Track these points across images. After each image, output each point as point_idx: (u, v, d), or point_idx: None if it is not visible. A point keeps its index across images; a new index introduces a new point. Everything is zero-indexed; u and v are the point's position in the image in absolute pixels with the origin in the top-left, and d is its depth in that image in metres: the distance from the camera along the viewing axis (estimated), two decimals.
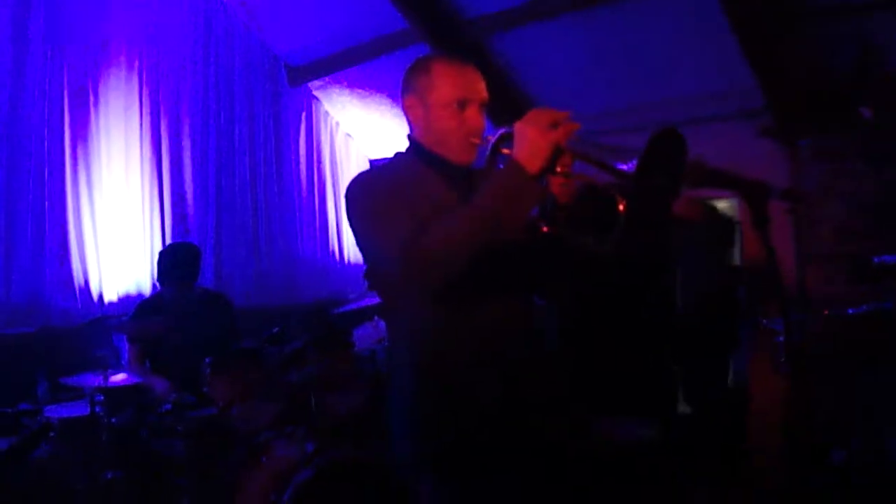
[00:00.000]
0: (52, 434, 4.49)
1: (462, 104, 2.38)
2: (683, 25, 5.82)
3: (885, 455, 4.63)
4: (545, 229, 2.36)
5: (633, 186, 2.05)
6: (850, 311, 4.99)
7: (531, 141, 2.10)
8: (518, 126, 2.14)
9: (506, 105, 6.95)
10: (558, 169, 2.18)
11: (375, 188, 2.36)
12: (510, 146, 2.17)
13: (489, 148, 2.33)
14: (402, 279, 2.24)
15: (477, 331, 2.34)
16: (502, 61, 6.98)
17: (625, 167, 2.05)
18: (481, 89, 2.44)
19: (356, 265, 8.39)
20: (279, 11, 7.25)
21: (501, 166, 2.18)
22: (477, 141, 2.41)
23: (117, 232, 6.27)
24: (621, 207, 2.19)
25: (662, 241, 4.75)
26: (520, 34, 6.54)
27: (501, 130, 2.28)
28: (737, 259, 6.44)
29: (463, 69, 2.44)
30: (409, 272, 2.17)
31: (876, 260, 5.19)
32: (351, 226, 2.42)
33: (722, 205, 6.73)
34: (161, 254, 5.44)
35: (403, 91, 2.51)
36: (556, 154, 2.13)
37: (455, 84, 2.40)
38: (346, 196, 2.39)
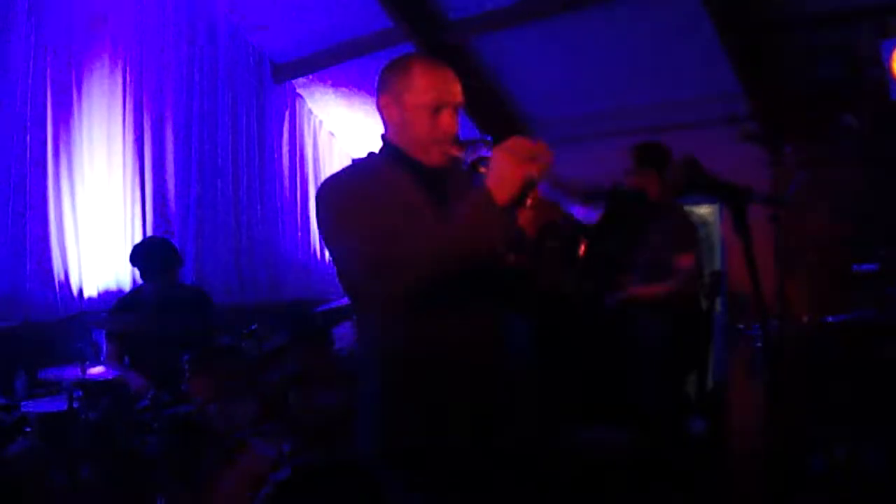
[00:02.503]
0: (27, 429, 4.47)
1: (437, 108, 2.37)
2: (669, 30, 5.83)
3: (863, 462, 4.65)
4: (512, 259, 2.38)
5: (588, 246, 2.09)
6: (830, 319, 5.01)
7: (504, 172, 2.11)
8: (495, 153, 2.15)
9: (489, 107, 6.95)
10: (528, 202, 2.21)
11: (345, 193, 2.35)
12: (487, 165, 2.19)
13: (467, 164, 2.34)
14: (370, 286, 2.25)
15: (444, 337, 2.34)
16: (486, 63, 6.97)
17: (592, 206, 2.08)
18: (457, 93, 2.42)
19: None
20: (264, 8, 7.22)
21: (476, 187, 2.18)
22: (449, 146, 2.40)
23: (98, 227, 6.23)
24: (582, 249, 2.22)
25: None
26: (504, 36, 6.53)
27: (480, 152, 2.29)
28: (718, 265, 6.47)
29: (440, 72, 2.42)
30: (376, 280, 2.19)
31: (857, 268, 5.21)
32: (320, 230, 2.42)
33: (704, 210, 6.77)
34: (133, 249, 5.41)
35: (379, 89, 2.49)
36: (528, 187, 2.15)
37: (432, 87, 2.38)
38: (317, 199, 2.37)
